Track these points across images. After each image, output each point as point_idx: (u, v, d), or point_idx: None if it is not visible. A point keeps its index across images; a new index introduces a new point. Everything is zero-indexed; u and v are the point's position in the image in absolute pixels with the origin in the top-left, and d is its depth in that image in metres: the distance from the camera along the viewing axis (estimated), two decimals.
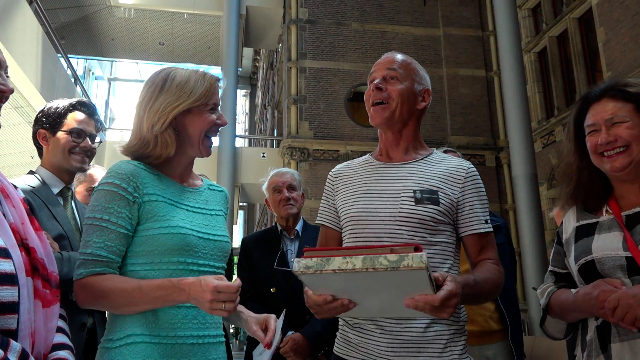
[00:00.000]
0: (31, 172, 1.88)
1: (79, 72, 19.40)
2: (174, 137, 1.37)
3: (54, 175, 1.87)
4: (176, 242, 1.28)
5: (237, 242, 7.56)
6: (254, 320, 1.37)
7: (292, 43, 13.05)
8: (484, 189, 1.54)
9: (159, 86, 1.37)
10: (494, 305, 2.48)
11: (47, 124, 1.87)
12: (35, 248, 1.10)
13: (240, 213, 23.00)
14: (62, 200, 1.88)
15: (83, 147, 1.89)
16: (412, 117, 1.57)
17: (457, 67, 13.29)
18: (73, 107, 1.91)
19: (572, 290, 1.46)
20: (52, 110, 1.88)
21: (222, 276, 1.19)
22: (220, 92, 1.46)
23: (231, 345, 1.40)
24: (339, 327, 1.54)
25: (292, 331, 2.33)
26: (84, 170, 1.95)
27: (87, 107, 1.95)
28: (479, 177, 1.55)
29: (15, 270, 1.01)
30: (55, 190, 1.85)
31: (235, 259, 2.78)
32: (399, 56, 1.59)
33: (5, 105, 1.86)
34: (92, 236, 1.25)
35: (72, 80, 10.41)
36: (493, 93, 13.17)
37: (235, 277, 2.95)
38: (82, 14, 15.10)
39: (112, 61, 23.04)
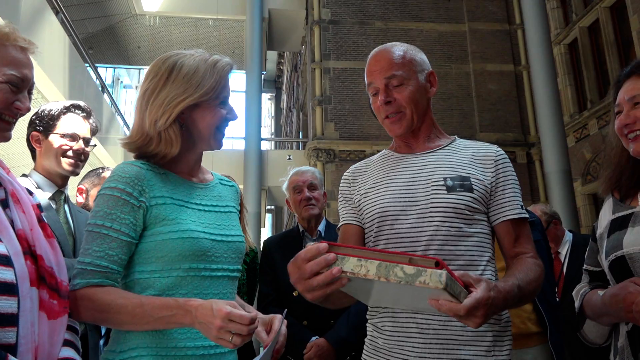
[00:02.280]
0: (24, 176, 1.84)
1: (108, 81, 19.78)
2: (179, 133, 1.25)
3: (46, 179, 1.82)
4: (188, 247, 1.19)
5: None
6: (260, 322, 1.28)
7: (315, 44, 12.99)
8: (515, 173, 1.44)
9: (164, 76, 1.25)
10: (531, 306, 2.34)
11: (40, 126, 1.83)
12: (42, 256, 1.05)
13: (268, 216, 23.06)
14: (55, 205, 1.82)
15: (76, 151, 1.84)
16: (427, 110, 1.48)
17: (484, 63, 13.01)
18: (67, 110, 1.87)
19: (600, 292, 1.32)
20: (46, 112, 1.84)
21: (236, 303, 1.09)
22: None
23: None
24: (367, 332, 1.44)
25: (316, 336, 2.25)
26: (76, 174, 1.89)
27: (81, 110, 1.91)
28: (508, 159, 1.45)
29: (17, 279, 0.96)
30: (48, 195, 1.80)
31: None
32: (391, 53, 1.45)
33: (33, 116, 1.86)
34: (92, 244, 1.16)
35: (100, 89, 10.57)
36: (522, 88, 12.84)
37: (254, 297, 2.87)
38: (109, 23, 15.38)
39: (139, 69, 23.43)
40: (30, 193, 1.19)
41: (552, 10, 11.35)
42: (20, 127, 1.92)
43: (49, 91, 7.02)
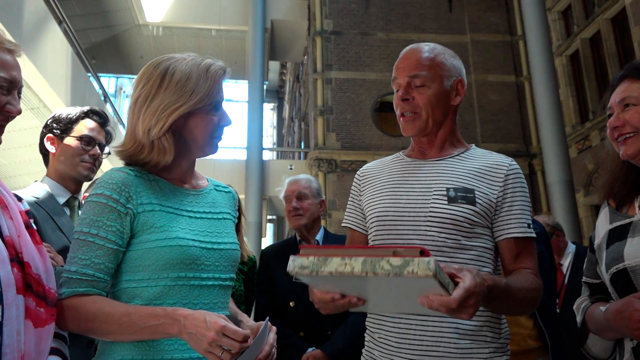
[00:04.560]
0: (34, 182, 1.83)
1: (111, 91, 19.90)
2: (172, 141, 1.22)
3: (59, 184, 1.80)
4: (175, 255, 1.15)
5: None
6: (248, 330, 1.26)
7: (317, 55, 13.04)
8: (527, 188, 1.39)
9: (156, 83, 1.22)
10: (532, 321, 2.30)
11: (57, 129, 1.82)
12: (30, 263, 1.03)
13: (270, 226, 23.03)
14: (69, 211, 1.80)
15: (92, 155, 1.83)
16: (447, 117, 1.44)
17: (486, 74, 13.03)
18: (85, 115, 1.87)
19: (602, 307, 1.28)
20: (64, 116, 1.83)
21: (227, 318, 1.06)
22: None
23: None
24: (365, 343, 1.42)
25: (313, 347, 2.22)
26: (89, 180, 1.87)
27: (99, 116, 1.90)
28: (521, 174, 1.39)
29: (1, 287, 0.94)
30: (62, 201, 1.78)
31: None
32: (421, 53, 1.43)
33: (36, 123, 1.83)
34: (78, 252, 1.13)
35: (103, 99, 10.60)
36: (524, 98, 12.85)
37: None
38: (112, 33, 15.49)
39: None
40: (19, 199, 1.18)
41: (553, 21, 11.38)
42: (22, 137, 1.92)
43: (51, 100, 7.04)
